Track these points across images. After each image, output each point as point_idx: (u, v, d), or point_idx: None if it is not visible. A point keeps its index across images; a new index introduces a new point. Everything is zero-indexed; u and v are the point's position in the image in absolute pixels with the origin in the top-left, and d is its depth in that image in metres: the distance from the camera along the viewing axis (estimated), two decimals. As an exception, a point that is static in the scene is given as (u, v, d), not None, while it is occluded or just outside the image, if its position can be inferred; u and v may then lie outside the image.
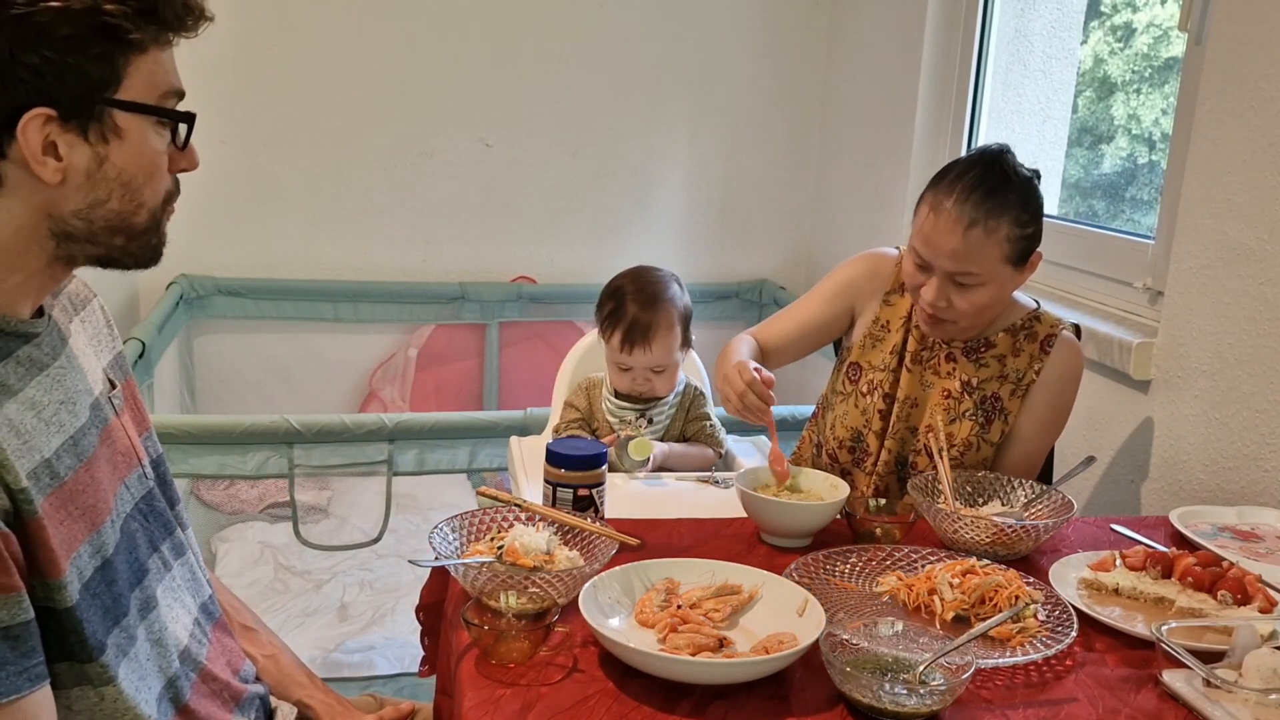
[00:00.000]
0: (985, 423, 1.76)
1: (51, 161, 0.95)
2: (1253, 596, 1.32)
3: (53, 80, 0.92)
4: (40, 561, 0.94)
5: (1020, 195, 1.64)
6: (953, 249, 1.63)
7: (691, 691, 1.11)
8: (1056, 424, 1.79)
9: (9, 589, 0.91)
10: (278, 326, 3.42)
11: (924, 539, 1.54)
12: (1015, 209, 1.63)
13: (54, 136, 0.94)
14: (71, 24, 0.91)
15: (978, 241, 1.62)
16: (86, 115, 0.95)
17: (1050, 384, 1.75)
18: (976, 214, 1.61)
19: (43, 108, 0.92)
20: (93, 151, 0.97)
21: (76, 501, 1.01)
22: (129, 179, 1.00)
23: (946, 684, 1.10)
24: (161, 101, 0.99)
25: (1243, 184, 1.86)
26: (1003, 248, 1.63)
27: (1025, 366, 1.76)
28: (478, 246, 3.53)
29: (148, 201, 1.02)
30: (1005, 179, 1.64)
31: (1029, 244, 1.66)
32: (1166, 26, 2.63)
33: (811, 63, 3.61)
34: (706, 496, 1.72)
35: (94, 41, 0.93)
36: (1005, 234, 1.63)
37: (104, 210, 0.99)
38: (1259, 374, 1.83)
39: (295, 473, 2.18)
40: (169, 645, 1.12)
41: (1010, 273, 1.67)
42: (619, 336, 1.81)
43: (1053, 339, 1.76)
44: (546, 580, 1.22)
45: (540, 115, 3.47)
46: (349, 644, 2.49)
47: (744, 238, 3.74)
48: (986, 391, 1.76)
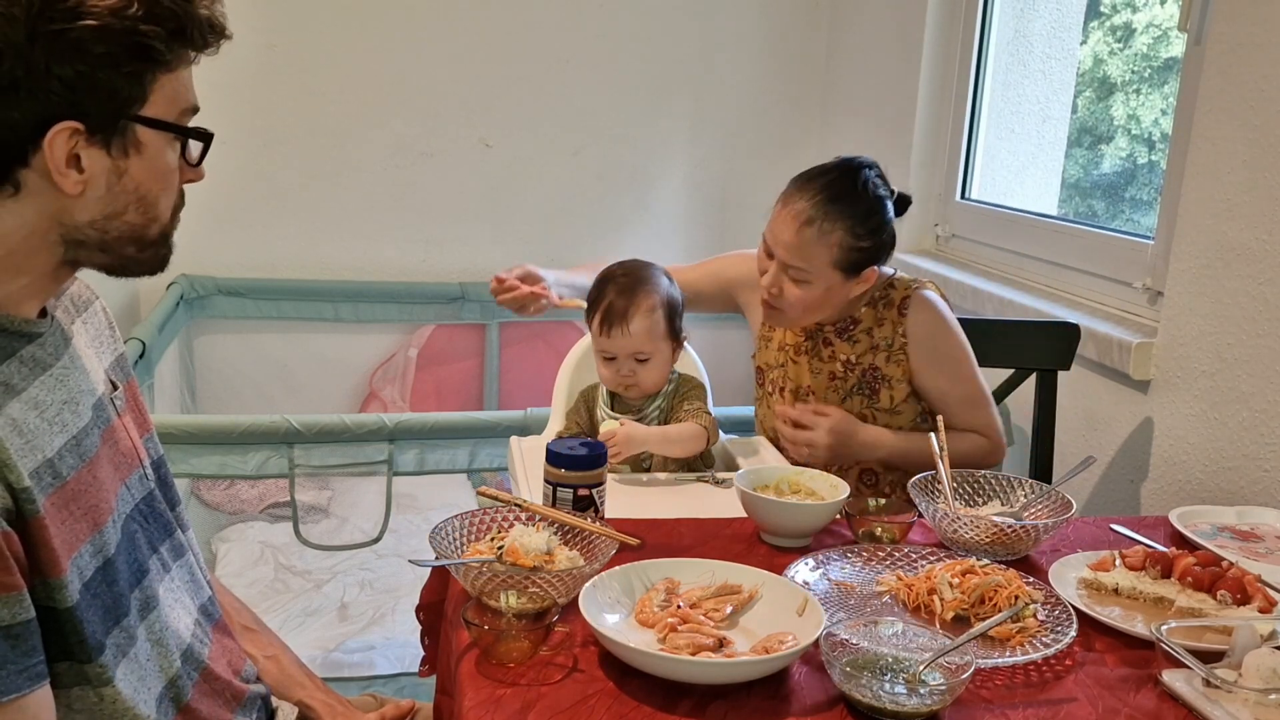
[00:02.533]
0: (871, 394, 1.86)
1: (73, 173, 0.96)
2: (1252, 596, 1.32)
3: (84, 95, 0.94)
4: (42, 561, 0.95)
5: (864, 209, 1.73)
6: (787, 242, 1.74)
7: (691, 691, 1.11)
8: (956, 367, 1.85)
9: (10, 588, 0.91)
10: (278, 326, 3.42)
11: (924, 539, 1.54)
12: (853, 220, 1.72)
13: (78, 149, 0.96)
14: (107, 42, 0.93)
15: (811, 240, 1.72)
16: (111, 130, 0.97)
17: (921, 339, 1.83)
18: (815, 214, 1.72)
19: (71, 121, 0.94)
20: (113, 164, 0.98)
21: (79, 501, 1.01)
22: (145, 192, 1.01)
23: (946, 684, 1.10)
24: (180, 118, 1.02)
25: (1243, 184, 1.86)
26: (833, 252, 1.73)
27: (891, 333, 1.84)
28: (478, 246, 3.53)
29: (160, 214, 1.04)
30: (853, 190, 1.73)
31: (863, 257, 1.75)
32: (1166, 26, 2.63)
33: (811, 63, 3.61)
34: (706, 496, 1.72)
35: (126, 59, 0.95)
36: (838, 240, 1.72)
37: (119, 222, 1.01)
38: (1259, 374, 1.83)
39: (295, 473, 2.18)
40: (170, 645, 1.12)
41: (839, 279, 1.76)
42: (598, 320, 1.78)
43: (908, 299, 1.84)
44: (546, 580, 1.22)
45: (540, 115, 3.47)
46: (349, 644, 2.49)
47: (744, 238, 3.72)
48: (864, 364, 1.85)
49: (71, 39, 0.91)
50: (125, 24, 0.93)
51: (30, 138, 0.94)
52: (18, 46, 0.90)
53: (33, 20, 0.90)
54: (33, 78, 0.91)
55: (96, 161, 0.97)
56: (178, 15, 0.97)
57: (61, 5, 0.91)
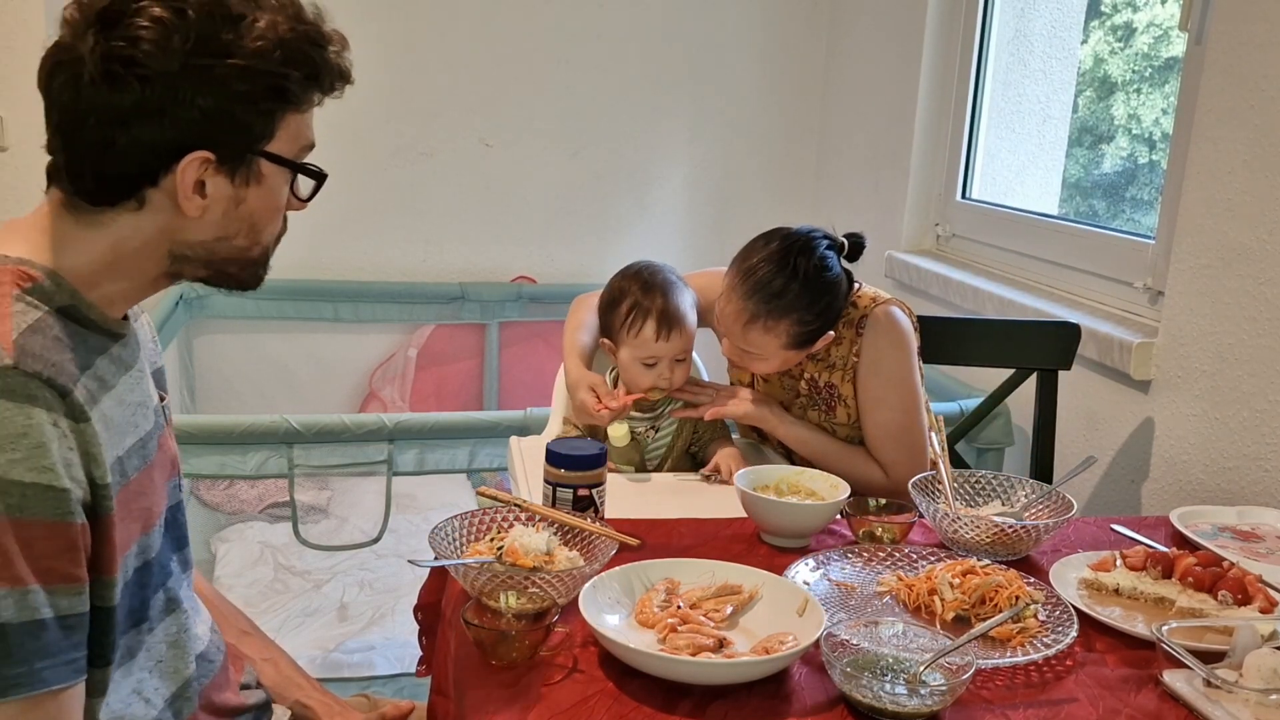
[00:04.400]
0: (828, 410, 1.85)
1: (197, 198, 1.01)
2: (1253, 596, 1.32)
3: (219, 127, 0.99)
4: (102, 558, 0.98)
5: (807, 298, 1.70)
6: (735, 334, 1.74)
7: (691, 691, 1.11)
8: (892, 393, 1.80)
9: (77, 580, 0.94)
10: (278, 326, 3.42)
11: (924, 539, 1.54)
12: (799, 310, 1.70)
13: (205, 176, 1.01)
14: (249, 81, 0.99)
15: (758, 335, 1.72)
16: (238, 161, 1.02)
17: (869, 361, 1.80)
18: (757, 311, 1.70)
19: (205, 151, 0.99)
20: (234, 193, 1.03)
21: (137, 502, 1.04)
22: (256, 220, 1.07)
23: (946, 684, 1.10)
24: (299, 155, 1.07)
25: (1243, 184, 1.86)
26: (783, 339, 1.72)
27: (847, 352, 1.81)
28: (478, 246, 3.53)
29: (265, 240, 1.10)
30: (793, 282, 1.69)
31: (815, 331, 1.74)
32: (1166, 26, 2.63)
33: (811, 63, 3.61)
34: (707, 496, 1.72)
35: (263, 98, 1.01)
36: (785, 329, 1.71)
37: (228, 245, 1.06)
38: (1259, 374, 1.83)
39: (295, 473, 2.18)
40: (188, 648, 1.14)
41: (795, 353, 1.76)
42: (652, 326, 1.78)
43: (865, 319, 1.80)
44: (546, 580, 1.22)
45: (540, 115, 3.47)
46: (348, 644, 2.49)
47: (744, 238, 3.71)
48: (822, 381, 1.84)
49: (217, 75, 0.97)
50: (267, 66, 0.99)
51: (164, 161, 0.99)
52: (169, 76, 0.95)
53: (187, 54, 0.96)
54: (177, 106, 0.97)
55: (220, 189, 1.02)
56: (313, 61, 1.02)
57: (214, 43, 0.97)
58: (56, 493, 0.91)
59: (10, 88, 2.60)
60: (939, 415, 1.72)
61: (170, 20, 0.95)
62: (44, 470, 0.90)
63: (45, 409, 0.91)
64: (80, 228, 1.02)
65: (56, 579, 0.92)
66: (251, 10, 0.99)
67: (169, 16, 0.95)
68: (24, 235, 1.02)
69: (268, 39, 0.99)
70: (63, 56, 0.97)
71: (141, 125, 0.97)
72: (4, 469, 0.89)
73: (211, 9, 0.97)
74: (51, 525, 0.91)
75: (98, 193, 1.00)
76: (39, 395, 0.91)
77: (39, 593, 0.90)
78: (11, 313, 0.95)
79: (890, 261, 3.01)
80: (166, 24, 0.95)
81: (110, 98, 0.96)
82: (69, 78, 0.97)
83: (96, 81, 0.95)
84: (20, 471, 0.89)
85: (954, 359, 2.14)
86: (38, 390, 0.91)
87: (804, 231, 1.75)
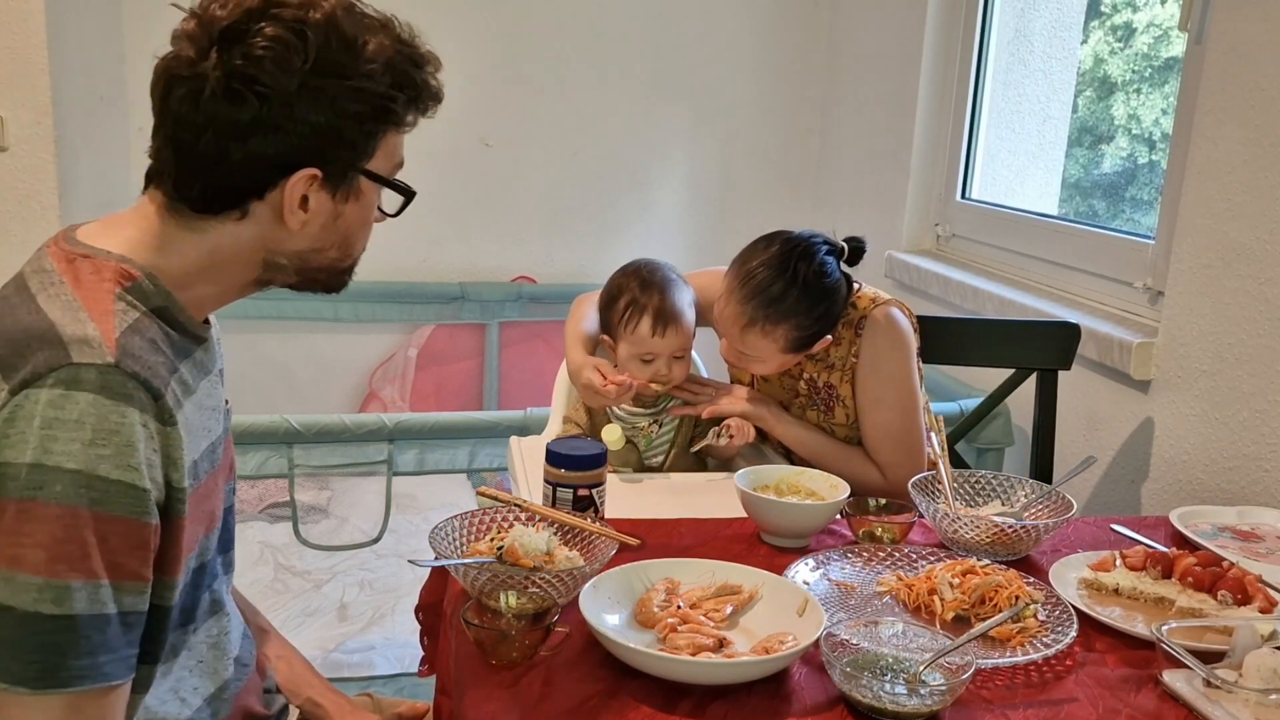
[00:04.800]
0: (826, 410, 1.84)
1: (300, 213, 1.04)
2: (1253, 596, 1.32)
3: (329, 145, 1.03)
4: (167, 558, 1.00)
5: (806, 303, 1.71)
6: (734, 336, 1.75)
7: (691, 691, 1.11)
8: (890, 393, 1.79)
9: (142, 578, 0.96)
10: (278, 326, 3.42)
11: (924, 539, 1.54)
12: (798, 315, 1.71)
13: (310, 192, 1.04)
14: (361, 102, 1.02)
15: (755, 338, 1.72)
16: (341, 179, 1.05)
17: (867, 361, 1.80)
18: (755, 315, 1.70)
19: (313, 168, 1.02)
20: (334, 208, 1.07)
21: (202, 506, 1.06)
22: (350, 234, 1.11)
23: (946, 684, 1.10)
24: (393, 173, 1.11)
25: (1243, 184, 1.86)
26: (780, 343, 1.72)
27: (846, 352, 1.81)
28: (478, 246, 3.53)
29: (355, 252, 1.14)
30: (792, 287, 1.69)
31: (814, 335, 1.74)
32: (1166, 26, 2.63)
33: (811, 63, 3.60)
34: (707, 497, 1.72)
35: (371, 119, 1.04)
36: (783, 333, 1.71)
37: (320, 256, 1.10)
38: (1259, 374, 1.83)
39: (295, 473, 2.18)
40: (228, 650, 1.15)
41: (792, 356, 1.76)
42: (649, 322, 1.79)
43: (865, 320, 1.80)
44: (546, 580, 1.22)
45: (540, 115, 3.47)
46: (349, 644, 2.49)
47: (744, 238, 3.70)
48: (821, 381, 1.84)
49: (332, 95, 1.01)
50: (377, 87, 1.03)
51: (274, 176, 1.02)
52: (287, 94, 0.99)
53: (305, 73, 0.99)
54: (292, 123, 1.00)
55: (322, 204, 1.05)
56: (417, 84, 1.07)
57: (331, 64, 1.00)
58: (138, 492, 0.93)
59: (10, 88, 2.60)
60: (939, 415, 1.72)
61: (291, 40, 0.99)
62: (129, 469, 0.92)
63: (139, 409, 0.94)
64: (180, 231, 1.04)
65: (125, 576, 0.94)
66: (363, 33, 1.03)
67: (289, 37, 0.99)
68: (123, 233, 1.04)
69: (377, 61, 1.03)
70: (182, 70, 0.99)
71: (257, 140, 1.00)
72: (93, 463, 0.91)
73: (329, 31, 1.00)
74: (129, 523, 0.93)
75: (204, 202, 1.03)
76: (135, 396, 0.94)
77: (108, 588, 0.92)
78: (114, 310, 0.97)
79: (890, 261, 3.01)
80: (287, 44, 0.98)
81: (229, 112, 0.98)
82: (189, 91, 0.99)
83: (217, 96, 0.98)
84: (108, 468, 0.91)
85: (954, 359, 2.14)
86: (134, 390, 0.94)
87: (804, 236, 1.75)
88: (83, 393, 0.91)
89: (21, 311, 0.97)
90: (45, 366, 0.92)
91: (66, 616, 0.90)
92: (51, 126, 2.65)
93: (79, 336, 0.94)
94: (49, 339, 0.93)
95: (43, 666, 0.91)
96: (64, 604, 0.90)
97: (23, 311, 0.97)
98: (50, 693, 0.91)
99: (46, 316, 0.96)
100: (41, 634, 0.90)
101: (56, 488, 0.90)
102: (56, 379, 0.91)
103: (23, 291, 1.00)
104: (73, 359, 0.92)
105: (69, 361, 0.92)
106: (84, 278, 0.99)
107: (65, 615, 0.90)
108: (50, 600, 0.90)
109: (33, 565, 0.90)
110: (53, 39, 2.62)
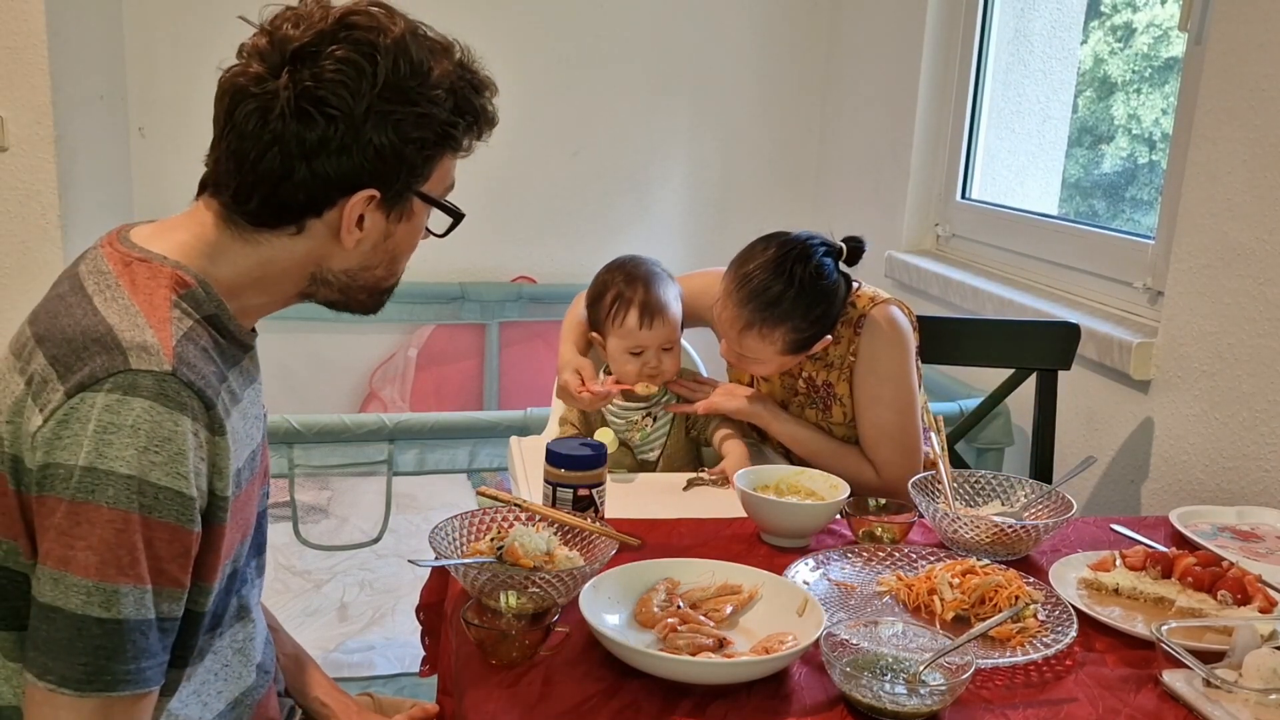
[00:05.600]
0: (825, 408, 1.84)
1: (356, 232, 1.06)
2: (1253, 596, 1.32)
3: (390, 167, 1.03)
4: (205, 565, 1.00)
5: (803, 305, 1.69)
6: (732, 338, 1.74)
7: (691, 691, 1.11)
8: (887, 392, 1.79)
9: (181, 585, 0.97)
10: (278, 326, 3.40)
11: (924, 539, 1.54)
12: (795, 318, 1.69)
13: (366, 212, 1.05)
14: (423, 128, 1.04)
15: (753, 341, 1.71)
16: (397, 200, 1.07)
17: (865, 359, 1.79)
18: (753, 319, 1.69)
19: (372, 189, 1.03)
20: (387, 228, 1.08)
21: (241, 513, 1.07)
22: (398, 253, 1.12)
23: (946, 684, 1.10)
24: (444, 195, 1.13)
25: (1243, 184, 1.86)
26: (778, 346, 1.72)
27: (844, 351, 1.81)
28: (478, 246, 3.53)
29: (399, 271, 1.15)
30: (789, 290, 1.68)
31: (812, 337, 1.73)
32: (1166, 26, 2.63)
33: (811, 63, 3.60)
34: (707, 496, 1.72)
35: (432, 144, 1.06)
36: (781, 335, 1.70)
37: (368, 275, 1.11)
38: (1259, 374, 1.83)
39: (295, 473, 2.18)
40: (251, 656, 1.16)
41: (791, 357, 1.75)
42: (635, 315, 1.80)
43: (864, 319, 1.79)
44: (546, 580, 1.22)
45: (540, 115, 3.47)
46: (349, 644, 2.49)
47: (744, 238, 3.70)
48: (818, 380, 1.83)
49: (397, 119, 1.02)
50: (441, 113, 1.04)
51: (334, 196, 1.03)
52: (354, 117, 1.00)
53: (374, 97, 1.00)
54: (357, 145, 1.01)
55: (376, 224, 1.07)
56: (476, 110, 1.09)
57: (399, 89, 1.01)
58: (185, 500, 0.94)
59: (10, 88, 2.60)
60: (939, 415, 1.72)
61: (361, 64, 1.00)
62: (179, 477, 0.93)
63: (191, 418, 0.95)
64: (234, 242, 1.05)
65: (167, 581, 0.95)
66: (429, 58, 1.04)
67: (360, 60, 1.00)
68: (176, 238, 1.05)
69: (441, 87, 1.04)
70: (251, 87, 1.00)
71: (322, 160, 1.00)
72: (145, 469, 0.91)
73: (398, 56, 1.01)
74: (174, 529, 0.94)
75: (262, 216, 1.03)
76: (189, 405, 0.95)
77: (151, 593, 0.93)
78: (171, 318, 0.98)
79: (890, 261, 3.01)
80: (358, 67, 0.99)
81: (297, 131, 0.99)
82: (257, 108, 1.00)
83: (286, 116, 0.99)
84: (159, 474, 0.92)
85: (954, 359, 2.14)
86: (189, 399, 0.95)
87: (801, 237, 1.75)
88: (139, 399, 0.92)
89: (79, 312, 0.98)
90: (104, 371, 0.92)
91: (115, 621, 0.91)
92: (51, 126, 2.65)
93: (138, 343, 0.94)
94: (107, 343, 0.94)
95: (89, 669, 0.91)
96: (112, 608, 0.91)
97: (80, 312, 0.98)
98: (92, 695, 0.92)
99: (105, 319, 0.96)
100: (91, 637, 0.91)
101: (109, 491, 0.90)
102: (114, 384, 0.92)
103: (79, 291, 1.00)
104: (131, 365, 0.93)
105: (127, 368, 0.93)
106: (140, 282, 1.00)
107: (114, 620, 0.91)
108: (99, 604, 0.91)
109: (83, 568, 0.90)
110: (53, 39, 2.62)
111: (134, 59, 3.12)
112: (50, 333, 0.97)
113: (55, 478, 0.91)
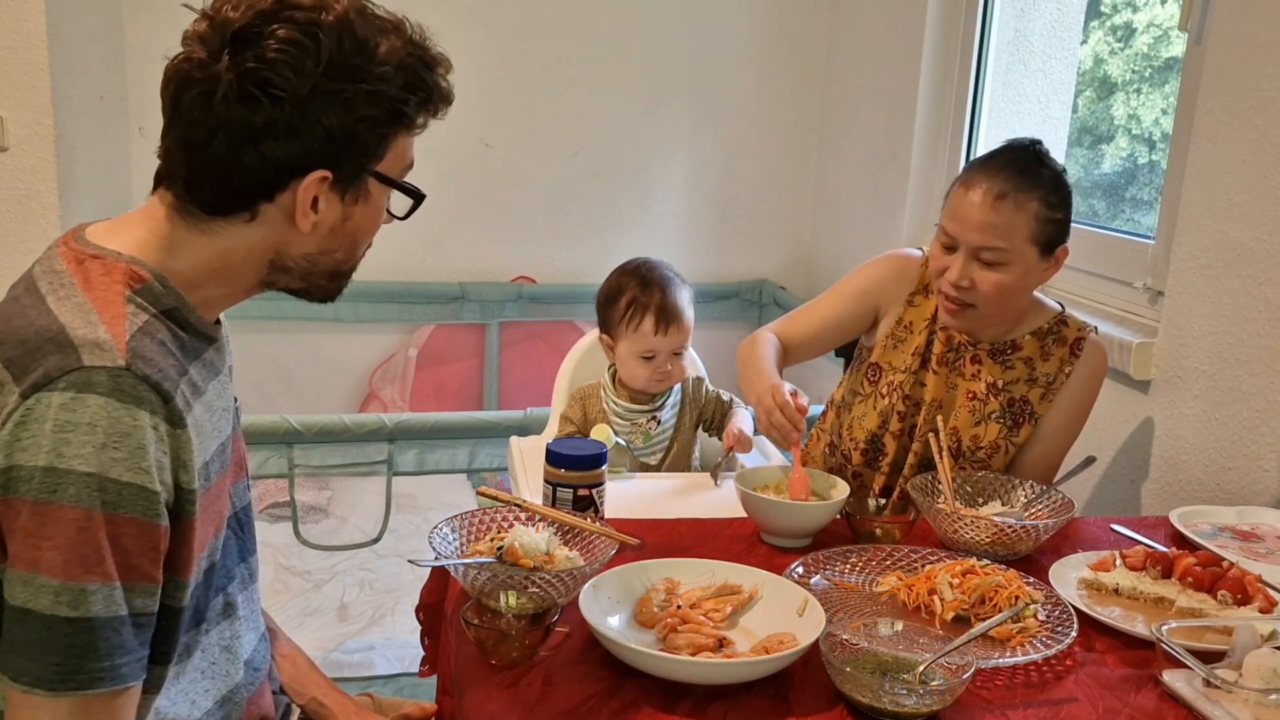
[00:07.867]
0: (1013, 426, 1.77)
1: (311, 215, 1.04)
2: (1253, 596, 1.32)
3: (340, 147, 1.02)
4: (179, 559, 1.00)
5: (1051, 180, 1.67)
6: (981, 220, 1.64)
7: (691, 691, 1.11)
8: (1078, 424, 1.80)
9: (153, 579, 0.96)
10: (278, 326, 3.42)
11: (924, 539, 1.54)
12: (1045, 189, 1.65)
13: (320, 194, 1.04)
14: (374, 105, 1.02)
15: (1007, 213, 1.63)
16: (351, 181, 1.05)
17: (1077, 386, 1.76)
18: (1007, 186, 1.64)
19: (324, 170, 1.02)
20: (343, 210, 1.06)
21: (214, 506, 1.06)
22: (357, 236, 1.10)
23: (946, 684, 1.10)
24: (402, 174, 1.11)
25: (1243, 184, 1.86)
26: (1030, 225, 1.64)
27: (1055, 370, 1.76)
28: (478, 246, 3.53)
29: (358, 255, 1.13)
30: (1038, 162, 1.68)
31: (1057, 230, 1.67)
32: (1166, 26, 2.63)
33: (811, 63, 3.60)
34: (707, 497, 1.72)
35: (383, 121, 1.04)
36: (1034, 210, 1.64)
37: (328, 258, 1.10)
38: (1259, 374, 1.83)
39: (295, 473, 2.18)
40: (239, 654, 1.15)
41: (1035, 258, 1.67)
42: (651, 320, 1.80)
43: (1082, 341, 1.77)
44: (546, 580, 1.22)
45: (540, 115, 3.47)
46: (349, 644, 2.49)
47: (744, 238, 3.74)
48: (1014, 394, 1.76)
49: (345, 98, 1.00)
50: (390, 90, 1.03)
51: (286, 179, 1.02)
52: (301, 98, 0.98)
53: (319, 76, 0.99)
54: (305, 126, 0.99)
55: (331, 206, 1.05)
56: (428, 86, 1.07)
57: (344, 67, 1.00)
58: (149, 494, 0.93)
59: (10, 87, 2.60)
60: None
61: (304, 43, 0.98)
62: (141, 471, 0.93)
63: (149, 412, 0.94)
64: (189, 233, 1.04)
65: (137, 577, 0.94)
66: (375, 34, 1.02)
67: (303, 39, 0.98)
68: (132, 233, 1.04)
69: (390, 63, 1.02)
70: (194, 72, 0.99)
71: (270, 143, 0.99)
72: (106, 466, 0.91)
73: (342, 33, 0.99)
74: (141, 524, 0.93)
75: (215, 204, 1.02)
76: (146, 398, 0.94)
77: (121, 589, 0.93)
78: (125, 314, 0.97)
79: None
80: (300, 46, 0.98)
81: (243, 115, 0.98)
82: (201, 93, 0.98)
83: (230, 99, 0.98)
84: (120, 470, 0.91)
85: (954, 359, 2.13)
86: (145, 394, 0.94)
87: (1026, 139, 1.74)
88: (94, 396, 0.91)
89: (33, 313, 0.97)
90: (57, 370, 0.92)
91: (84, 619, 0.91)
92: (51, 126, 2.65)
93: (90, 340, 0.94)
94: (60, 342, 0.94)
95: (62, 669, 0.91)
96: (81, 607, 0.91)
97: (34, 313, 0.97)
98: (67, 695, 0.92)
99: (57, 319, 0.96)
100: (61, 637, 0.91)
101: (70, 490, 0.90)
102: (68, 382, 0.91)
103: (33, 292, 1.00)
104: (84, 362, 0.92)
105: (80, 365, 0.92)
106: (94, 279, 0.99)
107: (83, 618, 0.91)
108: (67, 603, 0.90)
109: (50, 568, 0.90)
110: (53, 39, 2.62)
111: (134, 59, 3.12)
112: (4, 335, 0.97)
113: (18, 480, 0.90)
